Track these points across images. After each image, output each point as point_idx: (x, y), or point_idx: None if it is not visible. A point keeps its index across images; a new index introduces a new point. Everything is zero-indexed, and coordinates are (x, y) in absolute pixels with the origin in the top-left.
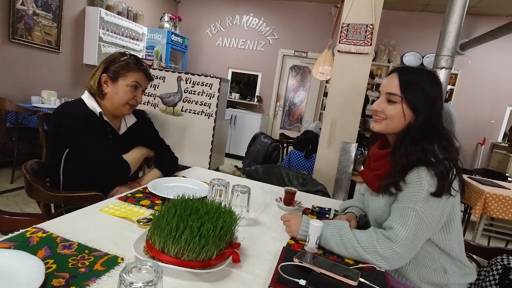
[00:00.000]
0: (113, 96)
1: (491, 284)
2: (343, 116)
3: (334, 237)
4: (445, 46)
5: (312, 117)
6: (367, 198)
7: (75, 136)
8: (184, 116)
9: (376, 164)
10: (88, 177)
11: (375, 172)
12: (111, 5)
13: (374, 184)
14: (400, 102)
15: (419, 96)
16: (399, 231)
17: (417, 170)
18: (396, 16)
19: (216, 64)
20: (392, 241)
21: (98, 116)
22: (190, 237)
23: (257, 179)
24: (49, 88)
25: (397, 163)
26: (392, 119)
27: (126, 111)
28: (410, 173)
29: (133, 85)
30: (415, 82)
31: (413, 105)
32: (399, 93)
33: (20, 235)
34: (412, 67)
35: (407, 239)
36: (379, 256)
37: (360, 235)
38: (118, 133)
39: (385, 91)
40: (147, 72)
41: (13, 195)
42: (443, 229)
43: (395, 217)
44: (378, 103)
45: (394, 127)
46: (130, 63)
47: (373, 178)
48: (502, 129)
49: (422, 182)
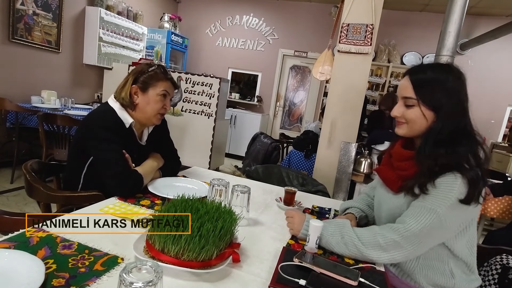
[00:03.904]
0: (145, 106)
1: (490, 284)
2: (343, 116)
3: (335, 236)
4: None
5: (312, 117)
6: (380, 196)
7: (97, 145)
8: (184, 116)
9: (402, 164)
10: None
11: (399, 172)
12: (111, 5)
13: (395, 184)
14: (417, 104)
15: (436, 94)
16: (409, 225)
17: (452, 175)
18: (396, 16)
19: (216, 64)
20: (399, 233)
21: (126, 127)
22: (190, 237)
23: (257, 179)
24: (49, 88)
25: (423, 165)
26: (413, 123)
27: (156, 121)
28: (443, 177)
29: (163, 93)
30: (429, 80)
31: (432, 105)
32: (414, 96)
33: (20, 235)
34: (424, 64)
35: (413, 233)
36: (380, 249)
37: (361, 231)
38: (141, 144)
39: (401, 95)
40: (173, 81)
41: (13, 195)
42: (458, 234)
43: (410, 213)
44: (396, 108)
45: (417, 130)
46: (158, 73)
47: (395, 178)
48: (502, 129)
49: (453, 188)
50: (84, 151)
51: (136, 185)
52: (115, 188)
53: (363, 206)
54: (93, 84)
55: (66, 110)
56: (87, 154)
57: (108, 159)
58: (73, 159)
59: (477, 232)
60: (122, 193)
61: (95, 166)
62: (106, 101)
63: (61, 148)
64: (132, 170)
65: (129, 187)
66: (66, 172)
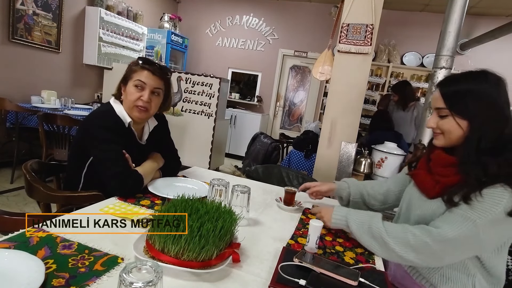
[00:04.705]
0: (125, 99)
1: None
2: (343, 116)
3: (364, 225)
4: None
5: (312, 117)
6: (412, 199)
7: (97, 145)
8: (184, 116)
9: (443, 170)
10: (105, 184)
11: (439, 177)
12: (111, 5)
13: (432, 190)
14: (450, 114)
15: (468, 103)
16: (445, 231)
17: (503, 188)
18: (396, 16)
19: (216, 64)
20: (432, 237)
21: (126, 127)
22: (190, 237)
23: (257, 179)
24: (49, 88)
25: (469, 175)
26: (449, 133)
27: (137, 114)
28: (491, 188)
29: (136, 84)
30: (458, 90)
31: (465, 114)
32: (445, 107)
33: (20, 235)
34: (454, 74)
35: (446, 239)
36: (408, 247)
37: (392, 226)
38: (141, 144)
39: (434, 106)
40: (153, 70)
41: (13, 195)
42: (497, 248)
43: (447, 219)
44: (431, 119)
45: (455, 140)
46: (135, 64)
47: (432, 184)
48: None
49: (501, 201)
50: (85, 151)
51: (136, 185)
52: (115, 188)
53: (354, 192)
54: (93, 84)
55: (66, 110)
56: (87, 154)
57: (108, 159)
58: (73, 159)
59: None
60: (122, 193)
61: (95, 166)
62: (108, 101)
63: (61, 148)
64: (132, 170)
65: (129, 187)
66: (67, 172)
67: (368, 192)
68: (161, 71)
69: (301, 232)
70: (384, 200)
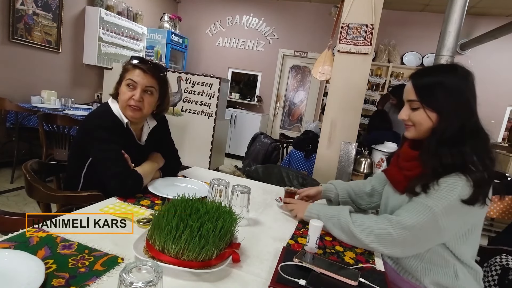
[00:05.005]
0: (119, 99)
1: (490, 285)
2: (343, 116)
3: (333, 218)
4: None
5: (312, 117)
6: (388, 196)
7: (97, 145)
8: (184, 116)
9: (407, 164)
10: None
11: (406, 172)
12: (111, 5)
13: (401, 184)
14: (421, 107)
15: (438, 96)
16: (403, 218)
17: (457, 176)
18: (396, 16)
19: (216, 64)
20: (391, 224)
21: (125, 127)
22: (190, 237)
23: (257, 179)
24: (49, 88)
25: (427, 165)
26: (420, 125)
27: (130, 113)
28: (446, 177)
29: (128, 83)
30: (430, 82)
31: (435, 106)
32: (417, 99)
33: (20, 235)
34: (427, 67)
35: (406, 228)
36: (373, 235)
37: (358, 216)
38: (141, 144)
39: (406, 98)
40: (145, 69)
41: (13, 195)
42: (461, 236)
43: (406, 207)
44: (403, 111)
45: (424, 132)
46: (128, 63)
47: (401, 178)
48: (502, 129)
49: (455, 188)
50: (84, 152)
51: (136, 185)
52: (114, 188)
53: (349, 191)
54: (93, 84)
55: (66, 110)
56: (87, 154)
57: (107, 159)
58: (73, 159)
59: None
60: (122, 193)
61: (95, 166)
62: (106, 101)
63: (61, 148)
64: (132, 170)
65: (128, 187)
66: (66, 172)
67: (355, 191)
68: (154, 69)
69: (301, 232)
70: (370, 200)
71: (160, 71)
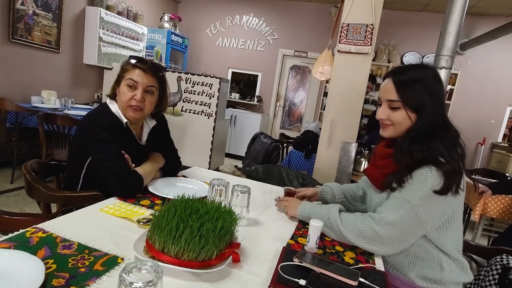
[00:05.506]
0: (119, 100)
1: (490, 284)
2: (343, 116)
3: (324, 218)
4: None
5: (312, 117)
6: (370, 194)
7: (96, 145)
8: (184, 116)
9: (383, 162)
10: (104, 184)
11: (381, 170)
12: (111, 5)
13: (378, 182)
14: (402, 106)
15: (420, 95)
16: (385, 215)
17: (428, 168)
18: (396, 16)
19: (216, 64)
20: (375, 221)
21: (124, 127)
22: (190, 237)
23: (257, 179)
24: (49, 88)
25: (401, 163)
26: (399, 125)
27: (131, 114)
28: (419, 170)
29: (128, 83)
30: (411, 81)
31: (416, 106)
32: (398, 99)
33: (20, 235)
34: (406, 65)
35: (390, 224)
36: (359, 234)
37: (346, 214)
38: (141, 144)
39: (385, 98)
40: (145, 68)
41: (13, 195)
42: (440, 227)
43: (387, 204)
44: (381, 111)
45: (403, 131)
46: (127, 63)
47: (378, 176)
48: (502, 129)
49: (427, 179)
50: (83, 152)
51: (136, 185)
52: (114, 188)
53: (338, 193)
54: (93, 84)
55: (66, 110)
56: (86, 154)
57: (107, 159)
58: (73, 159)
59: (477, 232)
60: (122, 193)
61: (94, 166)
62: (105, 101)
63: (61, 148)
64: (131, 170)
65: (128, 187)
66: (66, 172)
67: (351, 194)
68: (154, 69)
69: (301, 232)
70: (364, 202)
71: (159, 71)
